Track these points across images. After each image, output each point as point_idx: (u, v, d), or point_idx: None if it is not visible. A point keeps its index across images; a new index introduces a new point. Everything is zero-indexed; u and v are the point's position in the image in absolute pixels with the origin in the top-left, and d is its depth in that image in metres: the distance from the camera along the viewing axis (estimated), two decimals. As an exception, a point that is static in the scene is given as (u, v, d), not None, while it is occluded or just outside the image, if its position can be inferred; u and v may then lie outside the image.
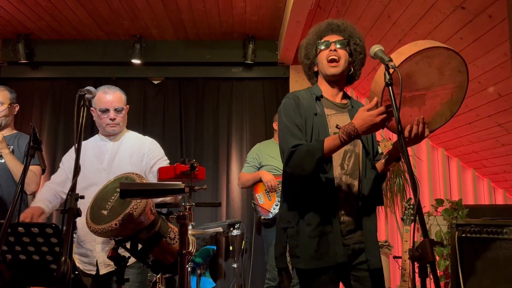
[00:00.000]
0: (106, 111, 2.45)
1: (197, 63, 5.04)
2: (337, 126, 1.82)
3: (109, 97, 2.46)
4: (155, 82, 5.14)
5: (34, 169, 2.82)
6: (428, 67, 1.61)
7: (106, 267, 2.24)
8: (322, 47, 1.98)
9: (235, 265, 4.35)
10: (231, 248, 4.60)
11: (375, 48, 1.68)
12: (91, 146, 2.52)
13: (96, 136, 2.59)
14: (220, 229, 4.33)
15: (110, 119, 2.45)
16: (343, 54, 1.96)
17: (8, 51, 4.80)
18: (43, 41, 4.92)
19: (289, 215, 1.91)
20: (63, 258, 1.37)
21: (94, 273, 2.26)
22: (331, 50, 1.95)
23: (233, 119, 5.06)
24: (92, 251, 2.27)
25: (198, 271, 4.25)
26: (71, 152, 2.56)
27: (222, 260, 4.82)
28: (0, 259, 1.42)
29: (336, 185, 1.89)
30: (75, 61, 4.98)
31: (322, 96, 2.00)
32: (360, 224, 1.93)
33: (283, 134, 1.91)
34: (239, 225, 4.35)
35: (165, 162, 2.50)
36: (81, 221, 2.21)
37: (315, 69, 2.06)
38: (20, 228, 1.56)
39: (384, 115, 1.66)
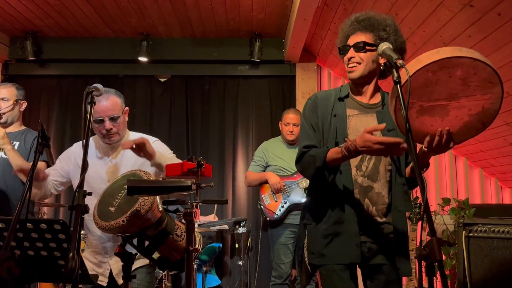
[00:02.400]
0: (100, 121, 2.20)
1: (203, 61, 5.05)
2: (344, 139, 1.83)
3: (103, 105, 2.18)
4: (162, 80, 5.15)
5: (39, 165, 2.83)
6: (449, 77, 1.54)
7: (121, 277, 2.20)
8: (342, 53, 1.97)
9: (240, 263, 4.36)
10: (236, 245, 4.61)
11: (383, 46, 1.67)
12: (92, 154, 2.33)
13: (92, 142, 2.38)
14: (226, 227, 4.34)
15: (106, 130, 2.21)
16: (361, 57, 1.91)
17: (16, 49, 4.83)
18: (51, 38, 4.95)
19: (309, 212, 1.99)
20: (71, 254, 1.37)
21: (105, 284, 2.20)
22: (348, 58, 1.93)
23: (239, 117, 5.07)
24: (105, 263, 2.22)
25: (204, 269, 4.26)
26: (71, 157, 2.40)
27: (228, 257, 4.83)
28: (9, 255, 1.43)
29: (353, 186, 1.90)
30: (82, 58, 5.00)
31: (347, 96, 2.00)
32: (384, 231, 1.92)
33: (300, 133, 2.04)
34: (245, 223, 4.35)
35: (170, 155, 2.35)
36: (94, 231, 2.20)
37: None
38: (28, 224, 1.57)
39: (381, 146, 1.63)
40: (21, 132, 3.03)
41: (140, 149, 2.05)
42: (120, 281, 2.20)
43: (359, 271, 1.97)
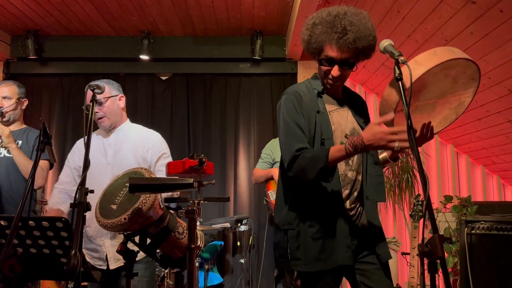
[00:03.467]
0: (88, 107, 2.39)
1: (205, 59, 5.05)
2: (346, 136, 1.79)
3: (88, 93, 2.28)
4: (163, 78, 5.15)
5: (41, 164, 2.84)
6: (444, 78, 1.59)
7: (116, 261, 2.26)
8: (325, 64, 1.82)
9: (242, 261, 4.36)
10: (238, 243, 4.61)
11: (385, 43, 1.67)
12: (95, 141, 2.47)
13: (99, 130, 2.53)
14: (228, 225, 4.35)
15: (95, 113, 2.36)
16: (345, 73, 1.83)
17: (18, 47, 4.83)
18: (52, 37, 4.95)
19: (289, 216, 1.84)
20: (73, 252, 1.38)
21: (104, 268, 2.28)
22: (332, 75, 1.81)
23: (240, 115, 5.06)
24: (102, 246, 2.28)
25: (206, 267, 4.27)
26: (75, 149, 2.54)
27: (230, 255, 4.83)
28: (11, 253, 1.43)
29: (341, 182, 1.84)
30: (83, 57, 5.00)
31: (323, 92, 1.91)
32: (361, 220, 1.90)
33: (285, 135, 1.83)
34: (247, 221, 4.36)
35: (167, 159, 2.45)
36: (90, 217, 2.22)
37: (316, 60, 1.90)
38: (30, 222, 1.57)
39: (395, 137, 1.58)
40: (23, 131, 3.03)
41: None
42: (113, 266, 2.24)
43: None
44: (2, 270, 1.38)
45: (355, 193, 1.89)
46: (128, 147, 2.40)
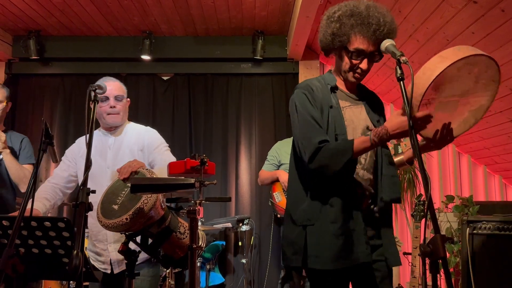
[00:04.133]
0: (106, 99, 2.36)
1: (206, 59, 5.05)
2: (368, 128, 1.78)
3: (109, 86, 2.33)
4: (165, 78, 5.15)
5: (29, 168, 2.87)
6: (468, 74, 1.57)
7: (120, 266, 2.24)
8: (354, 57, 1.80)
9: (244, 261, 4.36)
10: (240, 243, 4.62)
11: (386, 43, 1.68)
12: (94, 142, 2.36)
13: (97, 131, 2.47)
14: (229, 225, 4.35)
15: (110, 107, 2.36)
16: (370, 67, 1.83)
17: (19, 48, 4.84)
18: (54, 37, 4.96)
19: (308, 212, 1.80)
20: (75, 252, 1.38)
21: (109, 271, 2.26)
22: (361, 68, 1.80)
23: (242, 115, 5.06)
24: (105, 251, 2.26)
25: (207, 267, 4.27)
26: (74, 146, 2.53)
27: (231, 255, 4.83)
28: (14, 253, 1.43)
29: (355, 181, 1.82)
30: (85, 57, 5.01)
31: (337, 88, 1.90)
32: (376, 221, 1.87)
33: (303, 129, 1.79)
34: (248, 221, 4.36)
35: (164, 149, 2.41)
36: (94, 221, 2.22)
37: (334, 53, 1.90)
38: (32, 222, 1.57)
39: (419, 123, 1.58)
40: (7, 135, 2.99)
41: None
42: (117, 270, 2.24)
43: None
44: (4, 270, 1.38)
45: (367, 193, 1.86)
46: (126, 149, 2.37)
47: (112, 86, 2.39)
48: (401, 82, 1.50)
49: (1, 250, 1.65)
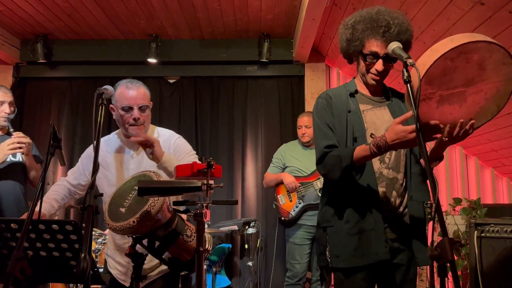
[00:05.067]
0: (129, 109, 2.15)
1: (212, 62, 5.06)
2: (371, 135, 1.78)
3: (133, 93, 2.15)
4: (171, 81, 5.17)
5: (38, 167, 3.01)
6: (466, 63, 1.53)
7: (142, 281, 2.20)
8: (369, 60, 1.87)
9: (250, 264, 4.36)
10: (246, 246, 4.61)
11: (393, 45, 1.68)
12: (113, 148, 2.30)
13: (115, 135, 2.35)
14: (236, 227, 4.35)
15: (134, 119, 2.15)
16: (388, 68, 1.88)
17: (27, 51, 4.88)
18: (61, 41, 4.99)
19: (327, 213, 1.90)
20: (82, 255, 1.39)
21: (127, 285, 2.20)
22: (376, 70, 1.87)
23: (248, 118, 5.07)
24: (129, 263, 2.18)
25: (214, 269, 4.27)
26: (89, 150, 2.43)
27: (238, 258, 4.83)
28: (22, 256, 1.44)
29: (376, 180, 1.85)
30: (92, 60, 5.04)
31: (356, 92, 1.96)
32: (404, 221, 1.88)
33: (315, 134, 1.94)
34: (254, 223, 4.36)
35: (192, 156, 2.27)
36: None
37: (354, 59, 1.98)
38: (40, 225, 1.58)
39: (425, 133, 1.57)
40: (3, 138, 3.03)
41: (147, 147, 2.03)
42: (142, 283, 2.19)
43: None
44: (13, 273, 1.39)
45: (394, 192, 1.88)
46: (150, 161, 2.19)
47: (136, 94, 2.16)
48: (408, 84, 1.49)
49: (10, 253, 1.66)
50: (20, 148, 2.75)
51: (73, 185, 2.37)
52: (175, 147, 2.28)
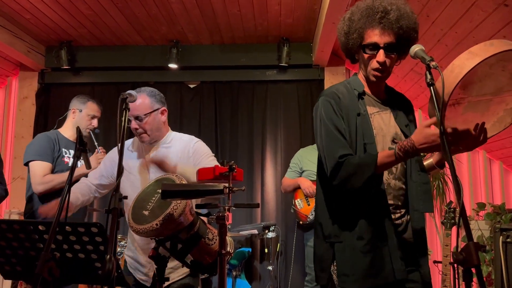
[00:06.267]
0: (129, 121, 2.25)
1: (232, 66, 5.10)
2: (393, 141, 1.70)
3: (130, 106, 2.14)
4: (191, 86, 5.22)
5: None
6: (502, 71, 1.48)
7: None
8: (369, 52, 1.73)
9: (270, 268, 4.35)
10: (266, 250, 4.61)
11: (415, 48, 1.62)
12: (135, 156, 2.38)
13: (136, 140, 2.41)
14: (255, 231, 4.35)
15: (134, 129, 2.29)
16: (391, 60, 1.73)
17: (52, 58, 4.99)
18: (84, 47, 5.10)
19: (335, 228, 1.73)
20: (108, 257, 1.41)
21: (148, 285, 2.25)
22: (378, 62, 1.71)
23: (267, 122, 5.08)
24: (150, 263, 2.23)
25: (234, 273, 4.28)
26: (111, 153, 2.48)
27: (257, 262, 4.83)
28: (50, 257, 1.48)
29: (385, 191, 1.72)
30: (114, 66, 5.13)
31: (364, 93, 1.81)
32: (407, 234, 1.77)
33: (326, 141, 1.72)
34: (274, 228, 4.36)
35: (211, 158, 2.33)
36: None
37: (356, 56, 1.83)
38: (67, 227, 1.62)
39: (450, 138, 1.45)
40: None
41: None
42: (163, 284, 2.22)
43: None
44: (42, 274, 1.43)
45: (399, 203, 1.77)
46: (171, 162, 2.26)
47: (131, 106, 2.18)
48: (432, 87, 1.47)
49: (37, 254, 1.70)
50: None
51: (94, 185, 2.44)
52: (194, 150, 2.33)
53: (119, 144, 1.70)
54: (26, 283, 2.47)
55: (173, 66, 4.93)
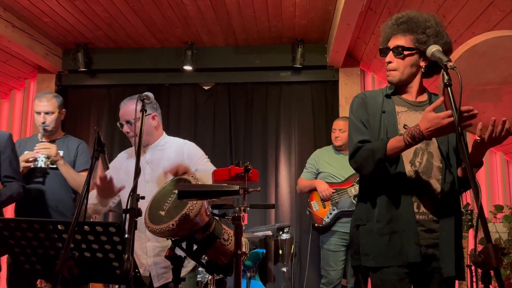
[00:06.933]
0: (121, 125, 2.38)
1: (246, 68, 5.11)
2: (404, 126, 1.78)
3: (121, 112, 2.37)
4: (206, 87, 5.25)
5: (85, 174, 3.01)
6: (500, 59, 1.49)
7: (159, 279, 2.27)
8: (382, 55, 1.97)
9: (284, 269, 4.35)
10: (280, 252, 4.61)
11: (432, 49, 1.66)
12: (131, 160, 2.46)
13: (132, 147, 2.51)
14: (270, 233, 4.36)
15: (126, 133, 2.38)
16: (398, 63, 1.91)
17: (69, 60, 5.06)
18: (100, 50, 5.16)
19: (361, 212, 1.93)
20: (125, 256, 1.43)
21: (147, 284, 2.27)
22: (387, 63, 1.94)
23: (281, 123, 5.08)
24: (144, 264, 2.29)
25: (248, 274, 4.29)
26: (116, 163, 2.55)
27: (272, 264, 4.83)
28: (69, 256, 1.50)
29: (407, 182, 1.84)
30: (130, 68, 5.17)
31: (393, 94, 1.99)
32: (435, 227, 1.85)
33: (350, 131, 1.98)
34: (289, 229, 4.35)
35: (205, 160, 2.41)
36: (137, 232, 2.25)
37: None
38: (85, 227, 1.64)
39: (451, 119, 1.56)
40: (63, 140, 3.18)
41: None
42: (157, 284, 2.27)
43: None
44: (61, 272, 1.45)
45: (426, 197, 1.86)
46: (165, 163, 2.33)
47: (122, 112, 2.36)
48: (449, 88, 1.47)
49: (56, 253, 1.73)
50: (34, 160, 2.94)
51: None
52: (188, 153, 2.41)
53: (137, 145, 1.72)
54: (46, 282, 2.51)
55: (188, 68, 4.96)
